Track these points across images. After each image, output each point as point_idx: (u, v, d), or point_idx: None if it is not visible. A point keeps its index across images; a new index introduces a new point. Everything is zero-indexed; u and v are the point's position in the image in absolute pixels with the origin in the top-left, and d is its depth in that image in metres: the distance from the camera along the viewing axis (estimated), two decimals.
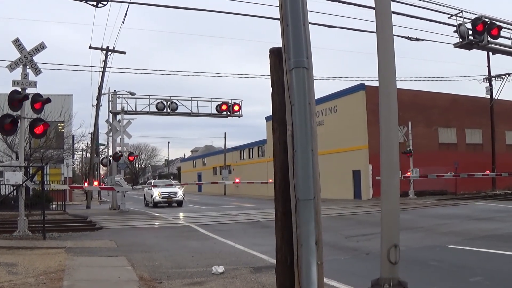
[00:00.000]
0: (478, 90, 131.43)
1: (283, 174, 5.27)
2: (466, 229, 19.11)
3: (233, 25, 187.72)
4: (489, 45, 23.84)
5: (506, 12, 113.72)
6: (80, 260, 13.43)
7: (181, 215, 32.37)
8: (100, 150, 59.39)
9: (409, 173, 41.43)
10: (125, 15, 39.96)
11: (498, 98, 51.42)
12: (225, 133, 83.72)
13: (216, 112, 42.13)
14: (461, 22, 23.38)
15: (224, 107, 41.78)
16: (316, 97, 5.18)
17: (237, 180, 59.63)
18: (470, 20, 23.37)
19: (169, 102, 40.44)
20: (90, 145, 55.45)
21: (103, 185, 44.16)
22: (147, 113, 41.22)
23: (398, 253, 4.98)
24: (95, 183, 45.40)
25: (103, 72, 41.16)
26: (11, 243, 16.69)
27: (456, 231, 18.59)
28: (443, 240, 16.16)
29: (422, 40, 24.55)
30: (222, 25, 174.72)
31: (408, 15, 21.56)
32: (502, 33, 23.74)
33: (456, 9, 23.57)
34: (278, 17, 5.40)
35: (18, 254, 14.45)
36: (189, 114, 42.47)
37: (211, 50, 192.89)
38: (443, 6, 23.09)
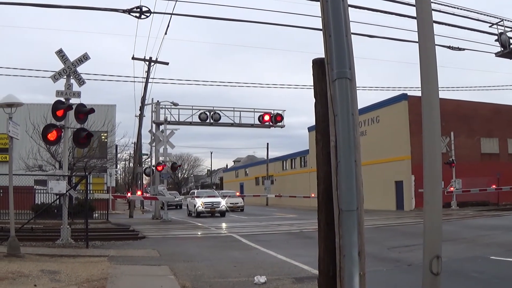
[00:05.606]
0: None
1: (326, 185, 5.26)
2: (508, 240, 18.84)
3: (277, 35, 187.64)
4: None
5: None
6: (122, 268, 13.57)
7: (223, 225, 32.47)
8: (143, 160, 59.75)
9: (452, 188, 41.11)
10: (168, 26, 40.16)
11: None
12: (267, 144, 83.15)
13: (259, 123, 42.27)
14: (502, 31, 23.01)
15: (266, 117, 41.88)
16: (358, 108, 5.17)
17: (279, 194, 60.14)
18: (511, 29, 23.04)
19: (212, 113, 40.71)
20: (133, 155, 55.85)
21: (146, 195, 44.49)
22: (190, 123, 41.66)
23: (440, 264, 4.92)
24: (138, 192, 45.68)
25: (146, 82, 41.53)
26: (54, 251, 16.91)
27: (498, 242, 18.33)
28: (485, 251, 15.93)
29: (464, 49, 24.19)
30: (265, 36, 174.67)
31: (449, 24, 21.29)
32: None
33: (497, 18, 23.25)
34: (321, 27, 5.41)
35: (61, 262, 14.62)
36: (232, 125, 42.79)
37: (254, 60, 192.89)
38: (484, 15, 22.78)
